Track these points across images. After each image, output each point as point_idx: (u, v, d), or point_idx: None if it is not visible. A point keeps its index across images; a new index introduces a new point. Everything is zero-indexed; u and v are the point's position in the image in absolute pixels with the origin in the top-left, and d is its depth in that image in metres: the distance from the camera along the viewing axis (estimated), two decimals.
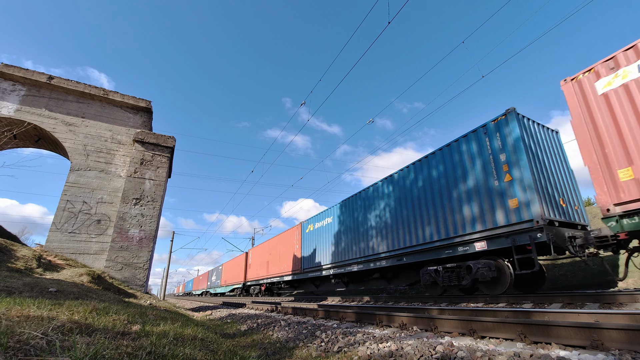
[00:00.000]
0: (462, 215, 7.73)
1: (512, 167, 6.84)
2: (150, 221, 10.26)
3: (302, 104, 12.00)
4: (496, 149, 7.21)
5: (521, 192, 6.59)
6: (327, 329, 4.45)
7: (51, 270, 7.37)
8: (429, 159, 9.00)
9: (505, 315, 3.95)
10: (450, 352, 2.56)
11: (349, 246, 12.04)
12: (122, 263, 9.50)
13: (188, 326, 3.77)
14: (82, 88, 10.67)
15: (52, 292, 4.60)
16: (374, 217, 10.96)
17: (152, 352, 2.01)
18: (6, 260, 6.56)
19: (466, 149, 7.93)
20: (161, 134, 11.33)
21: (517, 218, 6.57)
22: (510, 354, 2.37)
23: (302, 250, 15.83)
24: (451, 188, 8.14)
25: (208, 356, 2.35)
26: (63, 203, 9.39)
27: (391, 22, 7.65)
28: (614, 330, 2.35)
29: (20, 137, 10.60)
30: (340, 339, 3.59)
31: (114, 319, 2.86)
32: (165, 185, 11.30)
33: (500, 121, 7.22)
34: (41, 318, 2.27)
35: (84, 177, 9.91)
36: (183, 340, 2.66)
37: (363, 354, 2.83)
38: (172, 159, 12.20)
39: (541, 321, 2.77)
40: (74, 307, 3.06)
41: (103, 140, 10.63)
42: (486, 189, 7.30)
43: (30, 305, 2.85)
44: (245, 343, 3.76)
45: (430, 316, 3.85)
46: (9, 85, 9.87)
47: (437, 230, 8.33)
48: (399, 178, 10.05)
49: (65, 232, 9.18)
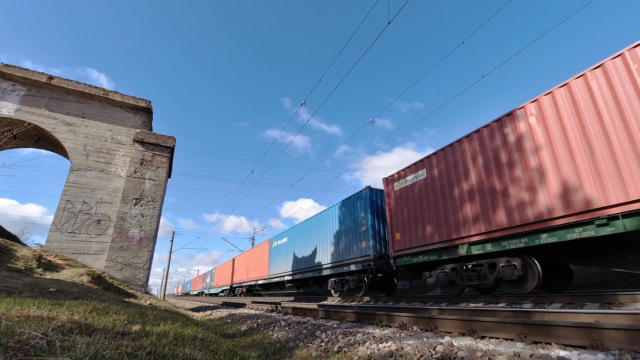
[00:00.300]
0: (344, 246, 12.46)
1: (366, 222, 11.35)
2: (150, 221, 10.26)
3: (302, 104, 11.99)
4: (359, 209, 11.91)
5: (368, 237, 11.19)
6: (327, 329, 4.45)
7: (51, 270, 7.37)
8: (325, 212, 14.37)
9: (505, 315, 3.95)
10: (450, 352, 2.56)
11: (297, 260, 16.38)
12: (122, 263, 9.50)
13: (188, 326, 3.77)
14: (82, 88, 10.67)
15: (52, 292, 4.61)
16: (306, 242, 15.73)
17: (152, 352, 2.01)
18: (6, 260, 6.56)
19: (348, 208, 12.73)
20: (161, 134, 11.34)
21: (366, 252, 11.09)
22: (510, 354, 2.37)
23: (270, 260, 20.07)
24: (341, 232, 12.90)
25: (208, 356, 2.35)
26: (63, 203, 9.39)
27: (391, 22, 7.65)
28: (614, 330, 2.35)
29: (20, 137, 10.59)
30: (340, 339, 3.59)
31: (114, 319, 2.86)
32: (165, 185, 11.30)
33: (363, 193, 11.88)
34: (41, 318, 2.27)
35: (84, 177, 9.91)
36: (183, 340, 2.66)
37: (363, 354, 2.83)
38: (172, 159, 12.20)
39: (541, 321, 2.76)
40: (74, 307, 3.06)
41: (103, 140, 10.63)
42: (355, 232, 11.91)
43: (30, 305, 2.85)
44: (245, 343, 3.76)
45: (430, 316, 3.85)
46: (9, 85, 9.87)
47: (331, 255, 13.27)
48: (315, 221, 15.16)
49: (65, 232, 9.18)
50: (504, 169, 7.14)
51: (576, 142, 5.92)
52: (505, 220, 6.86)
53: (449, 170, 8.46)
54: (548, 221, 6.09)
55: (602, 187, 5.41)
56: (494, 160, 7.37)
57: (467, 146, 8.12)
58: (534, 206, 6.36)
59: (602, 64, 5.78)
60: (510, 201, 6.86)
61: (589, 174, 5.65)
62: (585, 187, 5.65)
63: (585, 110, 5.87)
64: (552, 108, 6.42)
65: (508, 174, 7.03)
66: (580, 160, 5.81)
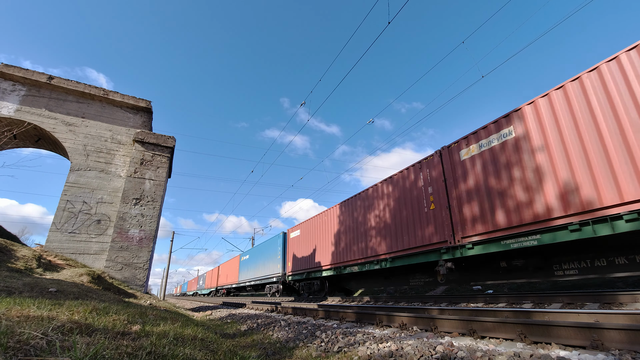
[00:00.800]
0: (267, 266, 20.22)
1: (280, 253, 18.30)
2: (150, 221, 10.26)
3: (302, 104, 11.99)
4: (278, 245, 18.87)
5: (280, 262, 18.27)
6: (327, 329, 4.45)
7: (51, 271, 7.37)
8: (265, 242, 21.81)
9: (505, 315, 3.95)
10: (450, 352, 2.56)
11: (253, 271, 23.09)
12: (122, 263, 9.49)
13: (188, 326, 3.77)
14: (82, 88, 10.66)
15: (52, 292, 4.60)
16: (256, 260, 22.66)
17: (152, 352, 2.01)
18: (6, 260, 6.56)
19: (271, 243, 20.31)
20: (161, 134, 11.33)
21: (279, 271, 18.27)
22: (510, 354, 2.37)
23: (239, 270, 27.15)
24: (267, 258, 20.50)
25: (208, 356, 2.35)
26: (63, 203, 9.39)
27: (391, 22, 7.65)
28: (614, 330, 2.35)
29: (20, 137, 10.59)
30: (340, 339, 3.59)
31: (114, 319, 2.86)
32: (165, 185, 11.29)
33: (280, 235, 18.71)
34: (41, 318, 2.26)
35: (84, 177, 9.91)
36: (183, 340, 2.66)
37: (363, 354, 2.82)
38: (172, 159, 12.20)
39: (541, 321, 2.76)
40: (74, 307, 3.06)
41: (103, 140, 10.63)
42: (274, 259, 19.09)
43: (30, 305, 2.85)
44: (245, 343, 3.76)
45: (430, 316, 3.85)
46: (9, 85, 9.87)
47: (266, 270, 20.28)
48: (262, 247, 22.26)
49: (65, 232, 9.17)
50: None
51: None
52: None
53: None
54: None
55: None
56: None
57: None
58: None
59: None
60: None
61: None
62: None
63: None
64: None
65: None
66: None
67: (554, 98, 6.41)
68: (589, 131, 5.75)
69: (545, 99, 6.54)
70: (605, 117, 5.58)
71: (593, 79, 5.88)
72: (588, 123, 5.80)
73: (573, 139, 5.96)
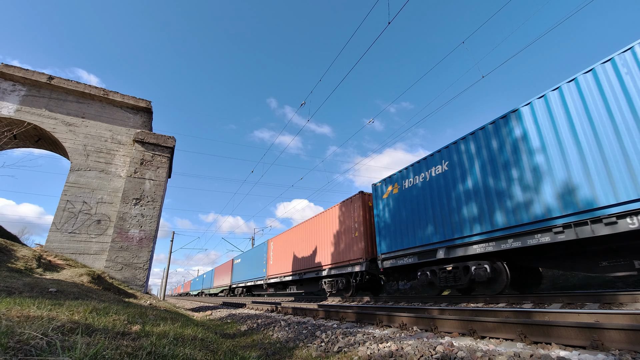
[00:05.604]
0: (254, 270, 23.40)
1: (267, 258, 20.80)
2: (150, 221, 10.26)
3: (302, 104, 11.99)
4: (264, 252, 21.88)
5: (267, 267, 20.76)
6: (327, 329, 4.45)
7: (51, 271, 7.37)
8: (253, 249, 24.29)
9: (505, 315, 3.95)
10: (451, 352, 2.56)
11: (244, 275, 25.67)
12: (122, 263, 9.49)
13: (188, 326, 3.77)
14: (82, 88, 10.67)
15: (52, 292, 4.60)
16: (246, 264, 25.51)
17: (152, 352, 2.01)
18: (6, 261, 6.56)
19: (256, 251, 23.57)
20: (161, 134, 11.34)
21: (263, 275, 21.01)
22: (510, 354, 2.37)
23: (232, 273, 29.67)
24: (254, 262, 23.70)
25: (208, 356, 2.35)
26: (63, 203, 9.39)
27: (391, 22, 7.65)
28: (614, 330, 2.35)
29: (20, 137, 10.59)
30: (340, 339, 3.59)
31: (114, 319, 2.85)
32: (165, 186, 11.29)
33: (263, 244, 22.34)
34: (41, 318, 2.26)
35: (84, 177, 9.91)
36: (183, 340, 2.66)
37: (363, 354, 2.82)
38: (172, 159, 12.20)
39: (541, 321, 2.76)
40: (74, 307, 3.06)
41: (103, 140, 10.63)
42: (259, 266, 22.16)
43: (31, 305, 2.85)
44: (245, 343, 3.76)
45: (430, 316, 3.85)
46: (9, 86, 9.87)
47: (259, 272, 21.79)
48: (251, 253, 24.83)
49: (65, 232, 9.17)
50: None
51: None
52: None
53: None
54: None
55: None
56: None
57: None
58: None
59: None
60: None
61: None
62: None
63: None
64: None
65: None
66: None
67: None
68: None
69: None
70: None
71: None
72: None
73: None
